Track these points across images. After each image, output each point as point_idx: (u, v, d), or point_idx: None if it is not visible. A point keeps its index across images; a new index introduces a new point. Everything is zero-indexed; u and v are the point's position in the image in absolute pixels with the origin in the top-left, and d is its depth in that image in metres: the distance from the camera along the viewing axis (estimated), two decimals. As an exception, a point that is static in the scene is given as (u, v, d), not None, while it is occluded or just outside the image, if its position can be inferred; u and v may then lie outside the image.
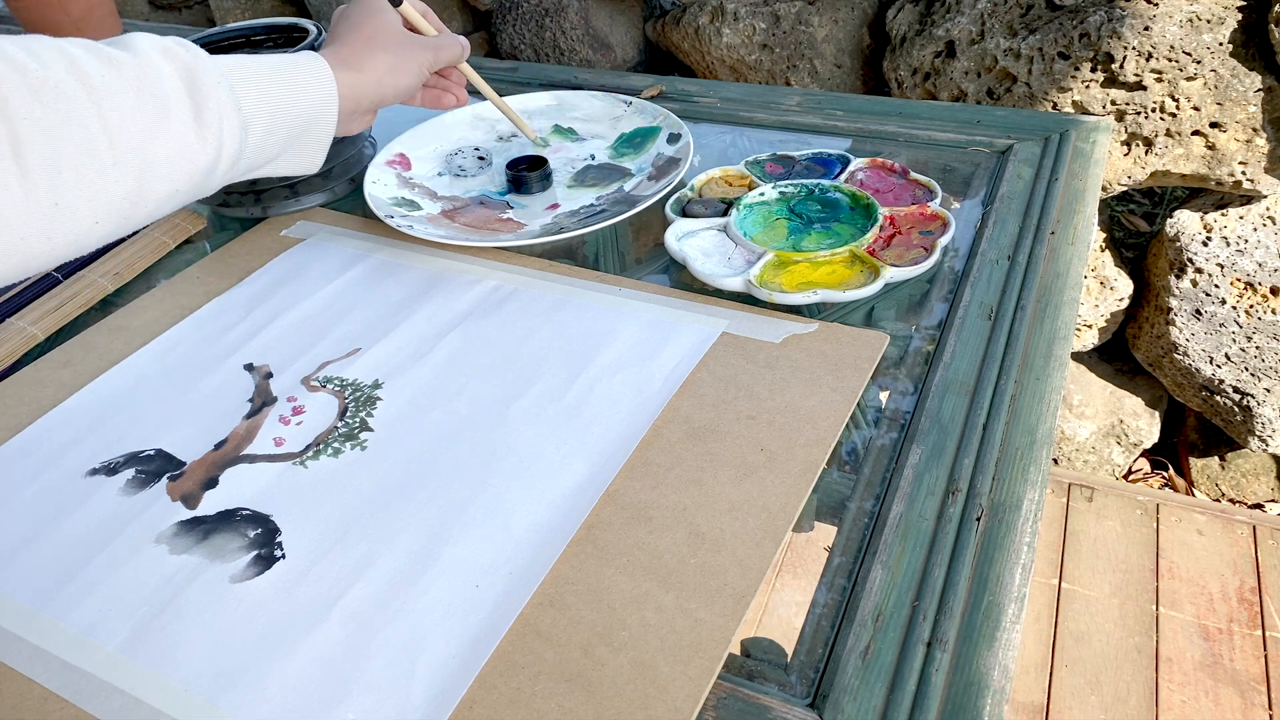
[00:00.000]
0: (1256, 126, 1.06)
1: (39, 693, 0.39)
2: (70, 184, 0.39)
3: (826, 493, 0.46)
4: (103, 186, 0.40)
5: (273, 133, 0.48)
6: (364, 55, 0.54)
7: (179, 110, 0.42)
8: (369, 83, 0.54)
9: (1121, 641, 1.19)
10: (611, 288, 0.61)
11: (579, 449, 0.48)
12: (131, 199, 0.42)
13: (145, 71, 0.42)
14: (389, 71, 0.55)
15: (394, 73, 0.55)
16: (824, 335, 0.54)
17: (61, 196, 0.39)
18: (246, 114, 0.46)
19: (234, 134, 0.45)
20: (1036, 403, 0.49)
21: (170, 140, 0.42)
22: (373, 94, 0.54)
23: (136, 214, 0.43)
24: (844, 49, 1.30)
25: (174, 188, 0.43)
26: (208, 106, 0.43)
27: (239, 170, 0.48)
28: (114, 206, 0.41)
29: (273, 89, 0.47)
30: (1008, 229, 0.63)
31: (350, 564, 0.43)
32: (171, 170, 0.42)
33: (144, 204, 0.42)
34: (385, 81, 0.55)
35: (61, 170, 0.38)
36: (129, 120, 0.40)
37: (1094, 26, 1.05)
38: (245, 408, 0.54)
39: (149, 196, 0.42)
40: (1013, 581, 0.41)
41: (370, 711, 0.37)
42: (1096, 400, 1.44)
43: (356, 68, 0.53)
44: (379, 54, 0.55)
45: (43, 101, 0.38)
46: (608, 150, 0.78)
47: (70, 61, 0.40)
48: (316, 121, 0.51)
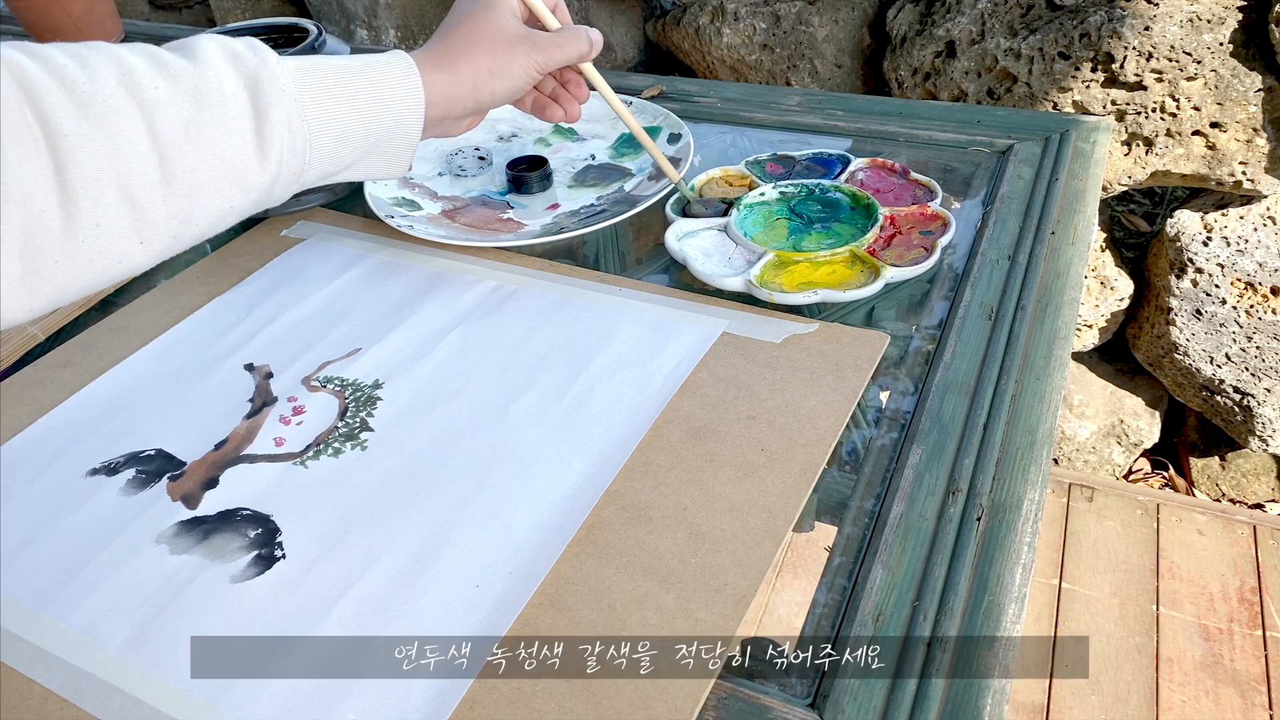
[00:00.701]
0: (1257, 126, 1.06)
1: (39, 693, 0.39)
2: (114, 204, 0.36)
3: (827, 493, 0.46)
4: (150, 206, 0.38)
5: (345, 143, 0.44)
6: (460, 54, 0.49)
7: (239, 124, 0.40)
8: (463, 85, 0.49)
9: (1121, 641, 1.19)
10: (612, 288, 0.61)
11: (579, 449, 0.48)
12: (182, 218, 0.39)
13: (206, 81, 0.39)
14: (486, 74, 0.50)
15: (492, 75, 0.50)
16: (824, 335, 0.54)
17: (103, 218, 0.36)
18: (313, 126, 0.42)
19: (297, 148, 0.42)
20: (1037, 403, 0.49)
21: (226, 157, 0.39)
22: (467, 98, 0.50)
23: (187, 234, 0.40)
24: (844, 49, 1.30)
25: (228, 205, 0.41)
26: (270, 119, 0.40)
27: (308, 179, 0.44)
28: (162, 227, 0.39)
29: (347, 95, 0.44)
30: (1008, 229, 0.63)
31: (350, 564, 0.43)
32: (225, 188, 0.40)
33: (195, 223, 0.40)
34: (482, 85, 0.50)
35: (104, 190, 0.36)
36: (183, 136, 0.38)
37: (1094, 26, 1.05)
38: (245, 408, 0.54)
39: (200, 215, 0.40)
40: (1013, 581, 0.41)
41: (370, 711, 0.37)
42: (1097, 400, 1.44)
43: (449, 69, 0.49)
44: (476, 53, 0.50)
45: (89, 118, 0.36)
46: (608, 150, 0.78)
47: (124, 72, 0.37)
48: (399, 129, 0.47)
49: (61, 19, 1.04)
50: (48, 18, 1.04)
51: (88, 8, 1.05)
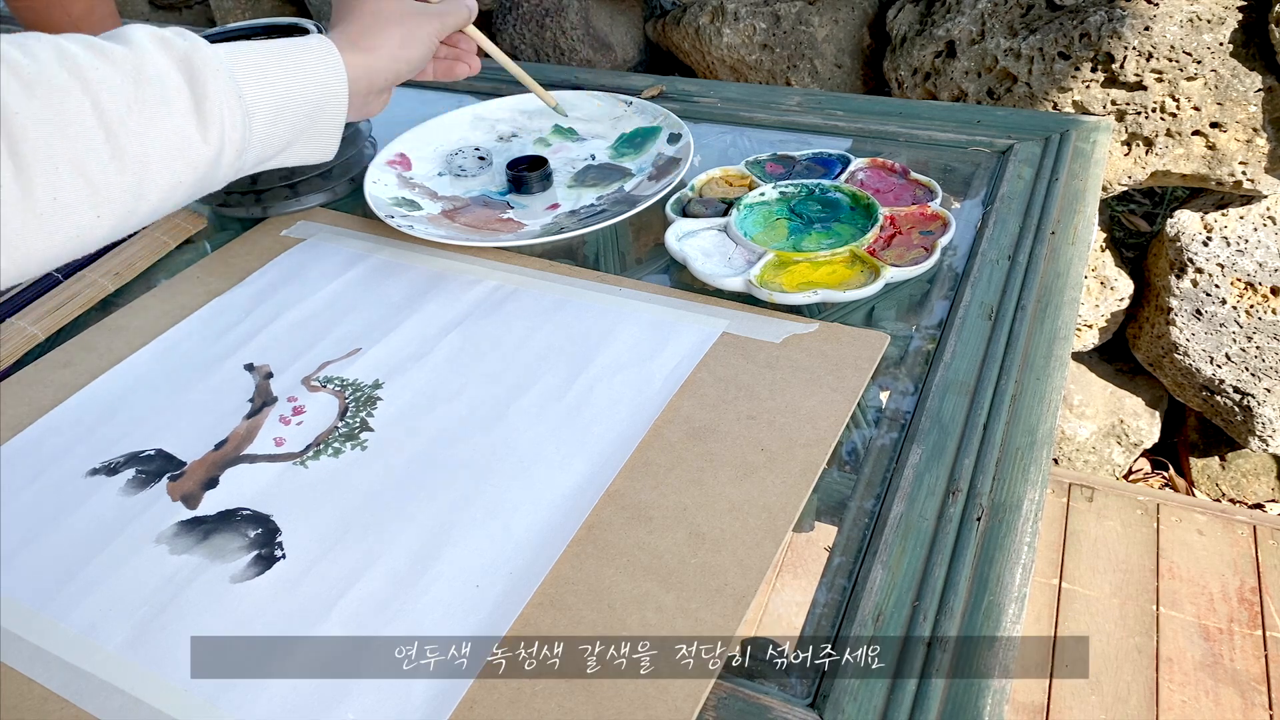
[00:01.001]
0: (1257, 126, 1.06)
1: (39, 693, 0.39)
2: (68, 179, 0.38)
3: (827, 493, 0.46)
4: (103, 181, 0.39)
5: (279, 120, 0.46)
6: (371, 32, 0.52)
7: (178, 101, 0.42)
8: (380, 60, 0.52)
9: (1121, 641, 1.19)
10: (612, 288, 0.61)
11: (579, 449, 0.48)
12: (134, 192, 0.41)
13: (142, 63, 0.41)
14: (400, 45, 0.53)
15: (404, 45, 0.54)
16: (824, 335, 0.54)
17: (60, 193, 0.38)
18: (249, 102, 0.44)
19: (236, 123, 0.44)
20: (1037, 403, 0.49)
21: (170, 131, 0.41)
22: (386, 70, 0.53)
23: (140, 208, 0.42)
24: (844, 49, 1.30)
25: (176, 179, 0.42)
26: (208, 96, 0.42)
27: (248, 161, 0.46)
28: (115, 201, 0.40)
29: (277, 74, 0.46)
30: (1008, 229, 0.63)
31: (350, 564, 0.43)
32: (173, 162, 0.42)
33: (147, 198, 0.42)
34: (398, 55, 0.53)
35: (59, 165, 0.38)
36: (126, 112, 0.40)
37: (1094, 26, 1.05)
38: (245, 408, 0.54)
39: (151, 190, 0.42)
40: (1013, 581, 0.41)
41: (370, 711, 0.37)
42: (1097, 400, 1.44)
43: (365, 48, 0.52)
44: (386, 28, 0.53)
45: (36, 96, 0.37)
46: (608, 150, 0.78)
47: (64, 56, 0.39)
48: (326, 106, 0.49)
49: (61, 19, 1.04)
50: (48, 18, 1.04)
51: (88, 8, 1.05)
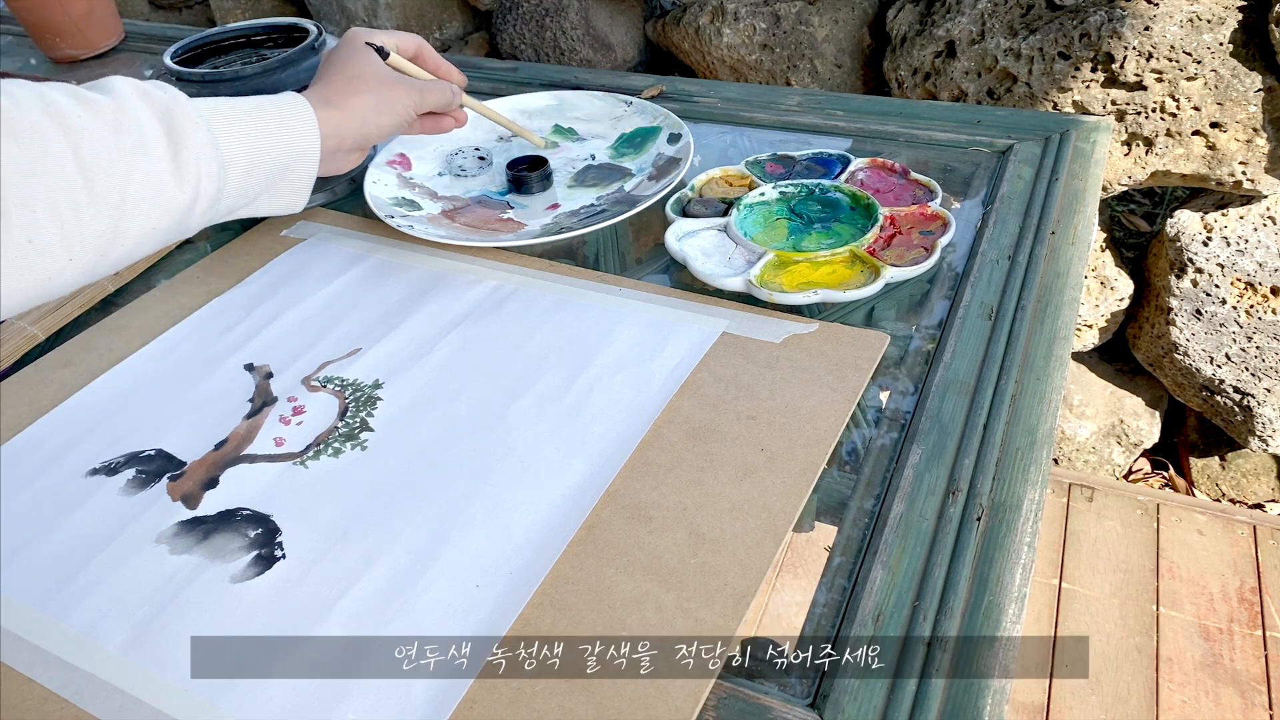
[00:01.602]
0: (1257, 126, 1.06)
1: (39, 693, 0.39)
2: (44, 222, 0.39)
3: (827, 493, 0.46)
4: (77, 225, 0.40)
5: (252, 172, 0.48)
6: (347, 94, 0.55)
7: (156, 150, 0.43)
8: (352, 120, 0.54)
9: (1121, 641, 1.19)
10: (612, 288, 0.61)
11: (579, 449, 0.48)
12: (108, 237, 0.42)
13: (123, 112, 0.42)
14: (373, 110, 0.55)
15: (378, 111, 0.56)
16: (824, 335, 0.54)
17: (36, 235, 0.39)
18: (225, 154, 0.46)
19: (212, 174, 0.45)
20: (1037, 403, 0.49)
21: (147, 179, 0.42)
22: (356, 131, 0.55)
23: (113, 253, 0.43)
24: (844, 49, 1.30)
25: (151, 225, 0.44)
26: (186, 146, 0.44)
27: (219, 211, 0.48)
28: (88, 244, 0.41)
29: (252, 129, 0.48)
30: (1008, 229, 0.63)
31: (350, 564, 0.43)
32: (149, 209, 0.43)
33: (120, 243, 0.43)
34: (369, 119, 0.55)
35: (35, 208, 0.39)
36: (105, 159, 0.41)
37: (1094, 26, 1.05)
38: (245, 408, 0.54)
39: (126, 235, 0.43)
40: (1013, 581, 0.41)
41: (370, 711, 0.37)
42: (1097, 400, 1.44)
43: (339, 106, 0.54)
44: (362, 93, 0.55)
45: (18, 141, 0.38)
46: (608, 150, 0.78)
47: (46, 104, 0.40)
48: (298, 161, 0.51)
49: (61, 19, 1.04)
50: (48, 18, 1.04)
51: (88, 8, 1.05)
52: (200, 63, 0.73)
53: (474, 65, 0.97)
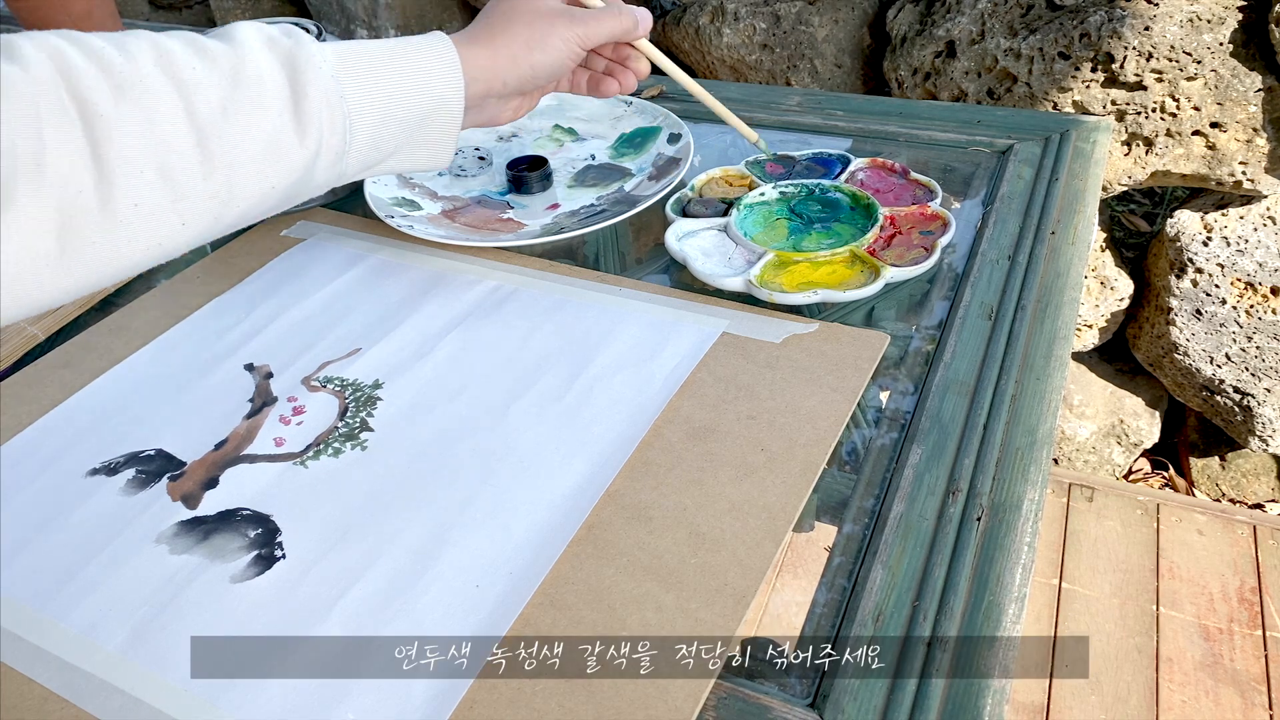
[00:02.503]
0: (1257, 126, 1.06)
1: (39, 693, 0.39)
2: (152, 183, 0.37)
3: (827, 493, 0.46)
4: (189, 186, 0.38)
5: (386, 124, 0.44)
6: (497, 30, 0.49)
7: (276, 104, 0.40)
8: (501, 59, 0.48)
9: (1121, 641, 1.19)
10: (612, 288, 0.61)
11: (579, 449, 0.48)
12: (221, 198, 0.39)
13: (243, 62, 0.39)
14: (524, 46, 0.49)
15: (530, 47, 0.49)
16: (824, 335, 0.54)
17: (142, 197, 0.37)
18: (353, 103, 0.42)
19: (336, 127, 0.42)
20: (1037, 403, 0.49)
21: (264, 136, 0.39)
22: (508, 73, 0.49)
23: (228, 214, 0.40)
24: (844, 49, 1.30)
25: (269, 185, 0.41)
26: (307, 96, 0.40)
27: (349, 167, 0.44)
28: (201, 206, 0.39)
29: (386, 74, 0.43)
30: (1008, 229, 0.63)
31: (350, 564, 0.43)
32: (266, 167, 0.40)
33: (235, 204, 0.40)
34: (520, 58, 0.49)
35: (143, 170, 0.36)
36: (219, 115, 0.38)
37: (1094, 26, 1.05)
38: (245, 408, 0.54)
39: (241, 196, 0.40)
40: (1013, 581, 0.41)
41: (370, 711, 0.37)
42: (1097, 400, 1.44)
43: (485, 43, 0.48)
44: (513, 27, 0.49)
45: (126, 96, 0.36)
46: (608, 150, 0.78)
47: (160, 55, 0.38)
48: (440, 109, 0.46)
49: (61, 19, 1.04)
50: (47, 17, 1.04)
51: (87, 8, 1.05)
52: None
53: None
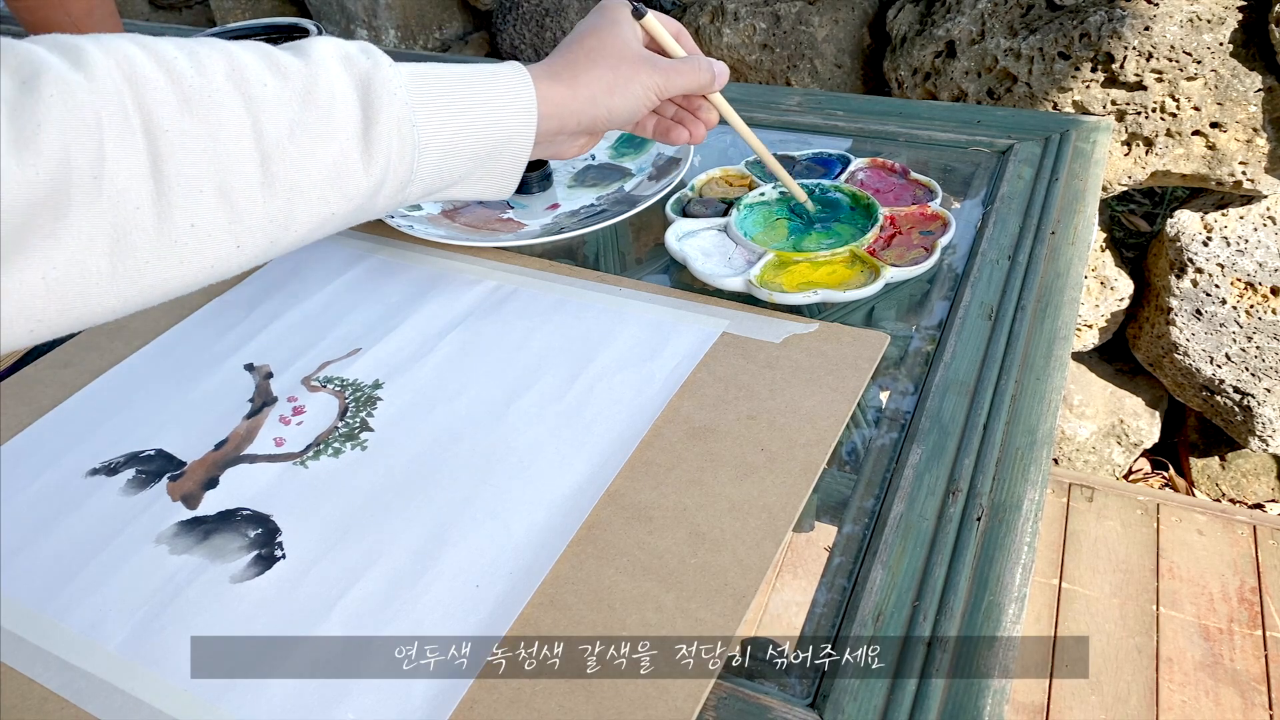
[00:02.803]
0: (1257, 126, 1.06)
1: (39, 693, 0.39)
2: (211, 204, 0.36)
3: (827, 493, 0.46)
4: (248, 208, 0.37)
5: (453, 154, 0.43)
6: (580, 68, 0.48)
7: (346, 128, 0.39)
8: (578, 99, 0.48)
9: (1121, 641, 1.19)
10: (611, 288, 0.61)
11: (579, 449, 0.48)
12: (280, 222, 0.38)
13: (315, 81, 0.38)
14: (606, 90, 0.49)
15: (612, 92, 0.49)
16: (824, 335, 0.54)
17: (199, 218, 0.35)
18: (424, 132, 0.41)
19: (405, 155, 0.41)
20: (1037, 403, 0.49)
21: (330, 160, 0.39)
22: (584, 113, 0.48)
23: (285, 239, 0.39)
24: (844, 49, 1.30)
25: (329, 210, 0.40)
26: (378, 121, 0.40)
27: (412, 194, 0.43)
28: (259, 230, 0.38)
29: (460, 104, 0.43)
30: (1008, 229, 0.63)
31: (350, 564, 0.43)
32: (328, 192, 0.39)
33: (294, 228, 0.39)
34: (600, 100, 0.49)
35: (203, 189, 0.35)
36: (286, 136, 0.37)
37: (1094, 26, 1.05)
38: (245, 408, 0.54)
39: (300, 219, 0.39)
40: (1013, 581, 0.41)
41: (370, 711, 0.37)
42: (1097, 400, 1.44)
43: (567, 82, 0.48)
44: (596, 69, 0.48)
45: (193, 112, 0.35)
46: (608, 150, 0.78)
47: (233, 68, 0.37)
48: (509, 143, 0.45)
49: (61, 19, 1.04)
50: (47, 18, 1.04)
51: (87, 8, 1.05)
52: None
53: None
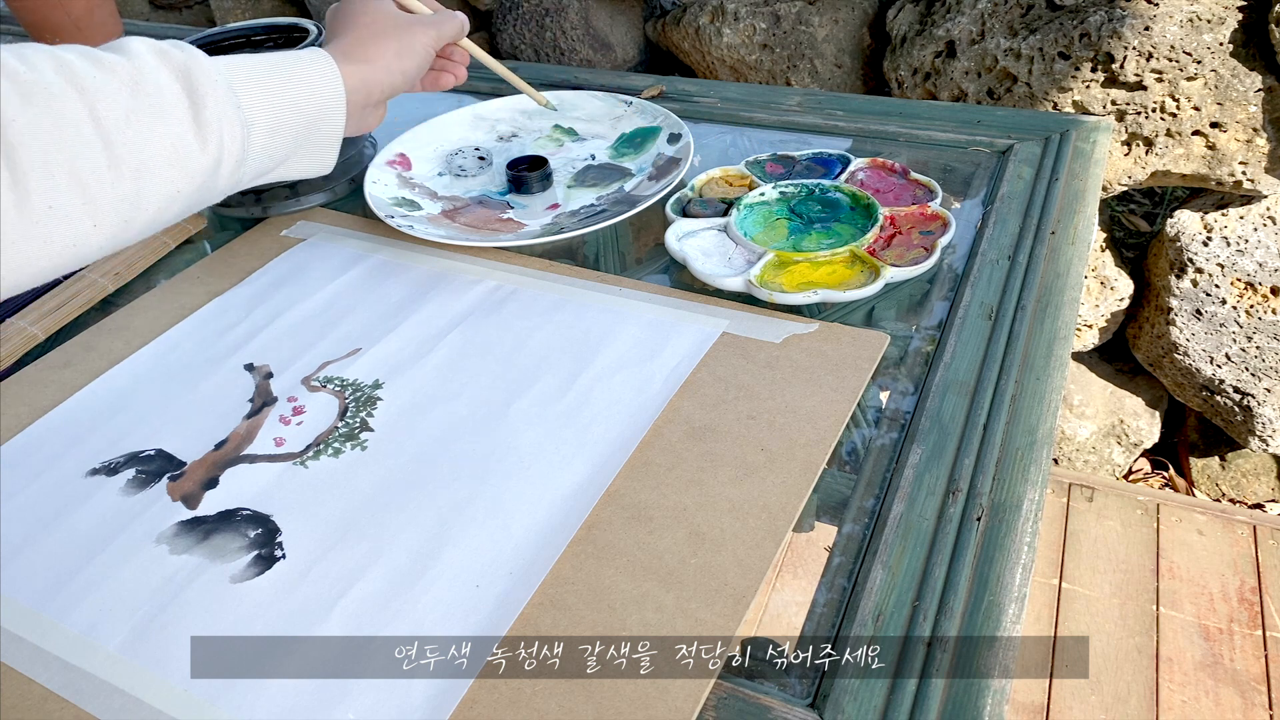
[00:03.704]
0: (1257, 126, 1.06)
1: (39, 692, 0.39)
2: (65, 186, 0.38)
3: (827, 493, 0.46)
4: (99, 189, 0.39)
5: (278, 132, 0.47)
6: (367, 44, 0.53)
7: (176, 110, 0.42)
8: (377, 71, 0.53)
9: (1121, 641, 1.19)
10: (612, 288, 0.61)
11: (579, 449, 0.48)
12: (131, 200, 0.41)
13: (140, 73, 0.41)
14: (396, 56, 0.54)
15: (400, 56, 0.54)
16: (824, 335, 0.54)
17: (56, 199, 0.38)
18: (248, 113, 0.45)
19: (235, 134, 0.44)
20: (1037, 403, 0.49)
21: (168, 141, 0.41)
22: (383, 82, 0.53)
23: (138, 218, 0.42)
24: (844, 49, 1.30)
25: (174, 189, 0.42)
26: (206, 105, 0.42)
27: (246, 173, 0.46)
28: (112, 209, 0.40)
29: (275, 86, 0.46)
30: (1008, 229, 0.63)
31: (350, 564, 0.43)
32: (171, 171, 0.42)
33: (144, 207, 0.42)
34: (393, 67, 0.54)
35: (55, 173, 0.38)
36: (124, 121, 0.40)
37: (1094, 26, 1.05)
38: (245, 408, 0.54)
39: (149, 199, 0.41)
40: (1013, 581, 0.41)
41: (370, 711, 0.37)
42: (1097, 400, 1.44)
43: (361, 58, 0.52)
44: (383, 40, 0.54)
45: (33, 104, 0.37)
46: (608, 150, 0.78)
47: (60, 64, 0.39)
48: (325, 118, 0.49)
49: (61, 19, 1.04)
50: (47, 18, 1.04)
51: (88, 8, 1.05)
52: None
53: (475, 65, 0.96)
